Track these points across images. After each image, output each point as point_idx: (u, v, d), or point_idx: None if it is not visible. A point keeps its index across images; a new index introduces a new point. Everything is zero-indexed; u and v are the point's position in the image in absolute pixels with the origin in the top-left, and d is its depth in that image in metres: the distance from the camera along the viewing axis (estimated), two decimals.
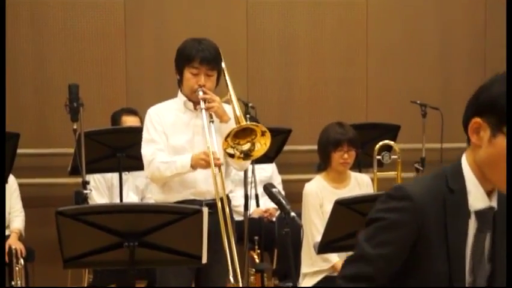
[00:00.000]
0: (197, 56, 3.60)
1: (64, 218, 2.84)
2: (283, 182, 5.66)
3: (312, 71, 6.21)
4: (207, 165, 3.49)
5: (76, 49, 5.97)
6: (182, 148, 3.62)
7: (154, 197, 3.84)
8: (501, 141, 1.86)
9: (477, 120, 1.90)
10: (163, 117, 3.67)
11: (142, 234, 2.88)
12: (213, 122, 3.59)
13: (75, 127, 4.26)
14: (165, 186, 3.66)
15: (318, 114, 5.73)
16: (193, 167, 3.53)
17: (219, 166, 3.53)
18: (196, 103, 3.64)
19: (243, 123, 3.61)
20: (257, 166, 4.84)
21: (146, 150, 3.64)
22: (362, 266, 1.99)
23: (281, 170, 5.68)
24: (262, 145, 3.58)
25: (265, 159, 4.83)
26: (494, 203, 1.97)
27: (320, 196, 4.09)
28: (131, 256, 2.88)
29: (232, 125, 3.60)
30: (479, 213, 1.96)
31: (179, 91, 3.75)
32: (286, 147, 5.12)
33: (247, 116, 4.48)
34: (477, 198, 1.95)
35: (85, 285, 4.48)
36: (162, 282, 3.65)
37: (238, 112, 3.66)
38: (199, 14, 6.05)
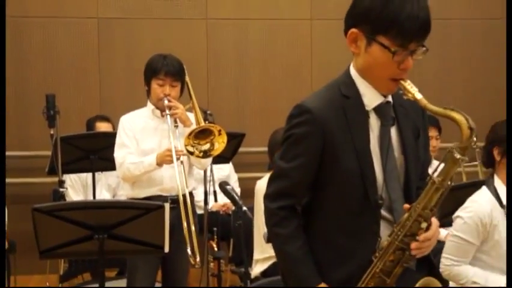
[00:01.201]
0: (162, 69, 3.59)
1: (39, 214, 2.78)
2: (240, 179, 5.64)
3: (264, 83, 6.23)
4: (172, 159, 3.48)
5: (53, 63, 5.90)
6: (152, 150, 3.60)
7: (126, 193, 3.81)
8: (375, 49, 1.84)
9: (354, 30, 1.87)
10: (133, 124, 3.65)
11: (111, 227, 2.83)
12: (177, 126, 3.60)
13: (52, 132, 4.22)
14: (135, 184, 3.64)
15: (269, 120, 5.72)
16: (159, 164, 3.53)
17: (182, 155, 3.53)
18: (162, 110, 3.63)
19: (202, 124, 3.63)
20: (215, 166, 4.81)
21: (118, 154, 3.62)
22: (281, 182, 1.94)
23: (237, 169, 5.66)
24: (221, 143, 3.58)
25: (222, 159, 4.83)
26: (389, 98, 1.93)
27: None
28: (101, 247, 2.83)
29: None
30: (377, 109, 1.92)
31: (148, 100, 3.74)
32: (241, 149, 5.11)
33: (206, 121, 4.47)
34: (371, 98, 1.91)
35: (61, 273, 4.40)
36: (131, 269, 3.61)
37: (200, 117, 3.67)
38: (165, 32, 6.04)
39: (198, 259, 3.48)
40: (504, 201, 2.90)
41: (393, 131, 1.94)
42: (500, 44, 6.53)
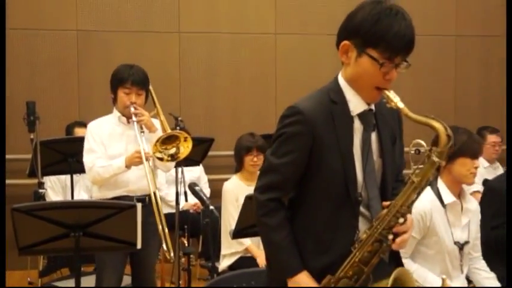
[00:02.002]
0: (129, 79, 3.55)
1: (18, 213, 2.72)
2: (209, 181, 5.64)
3: (232, 92, 6.23)
4: (140, 160, 3.45)
5: (35, 72, 5.82)
6: (119, 155, 3.54)
7: (94, 194, 3.71)
8: (365, 60, 1.87)
9: (346, 42, 1.90)
10: (101, 130, 3.58)
11: (86, 225, 2.79)
12: (143, 132, 3.56)
13: (32, 137, 4.16)
14: (103, 186, 3.57)
15: (236, 126, 5.74)
16: (128, 166, 3.48)
17: (151, 157, 3.51)
18: (128, 117, 3.60)
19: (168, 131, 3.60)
20: (187, 168, 4.80)
21: (87, 159, 3.54)
22: (271, 176, 1.95)
23: (207, 171, 5.66)
24: (186, 148, 3.55)
25: (193, 162, 4.83)
26: (372, 106, 1.96)
27: (236, 192, 4.10)
28: (77, 244, 2.80)
29: (159, 134, 3.58)
30: (361, 116, 1.94)
31: (114, 108, 3.69)
32: (211, 153, 5.11)
33: (178, 127, 4.46)
34: (356, 105, 1.93)
35: (40, 269, 4.33)
36: (100, 265, 3.53)
37: (165, 123, 3.65)
38: (140, 44, 6.00)
39: (172, 253, 3.44)
40: (445, 201, 2.95)
41: (373, 136, 1.97)
42: (451, 59, 6.67)
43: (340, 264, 1.90)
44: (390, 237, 1.87)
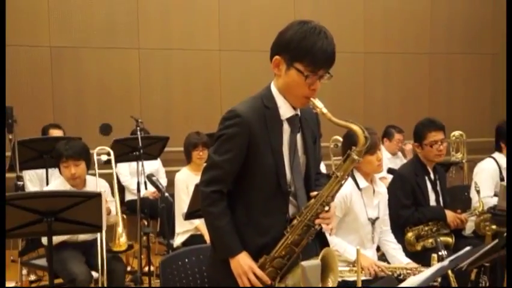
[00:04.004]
0: (63, 154, 3.39)
1: None
2: (166, 172, 5.54)
3: (185, 98, 6.16)
4: None
5: (13, 82, 5.55)
6: None
7: None
8: (293, 73, 1.83)
9: (277, 57, 1.87)
10: None
11: (57, 212, 2.68)
12: None
13: (10, 137, 3.97)
14: None
15: (188, 127, 5.61)
16: None
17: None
18: (74, 186, 3.41)
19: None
20: (147, 162, 4.68)
21: None
22: (214, 171, 1.90)
23: (164, 164, 5.56)
24: None
25: (152, 157, 4.74)
26: (298, 112, 1.94)
27: (186, 181, 4.05)
28: (49, 228, 2.69)
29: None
30: (289, 120, 1.91)
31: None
32: (167, 149, 5.00)
33: (138, 128, 4.38)
34: (285, 110, 1.90)
35: (20, 249, 4.14)
36: (61, 259, 3.33)
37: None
38: (105, 58, 5.85)
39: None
40: (360, 186, 2.98)
41: (298, 137, 1.94)
42: (360, 73, 6.82)
43: (274, 245, 1.89)
44: (317, 221, 1.87)
